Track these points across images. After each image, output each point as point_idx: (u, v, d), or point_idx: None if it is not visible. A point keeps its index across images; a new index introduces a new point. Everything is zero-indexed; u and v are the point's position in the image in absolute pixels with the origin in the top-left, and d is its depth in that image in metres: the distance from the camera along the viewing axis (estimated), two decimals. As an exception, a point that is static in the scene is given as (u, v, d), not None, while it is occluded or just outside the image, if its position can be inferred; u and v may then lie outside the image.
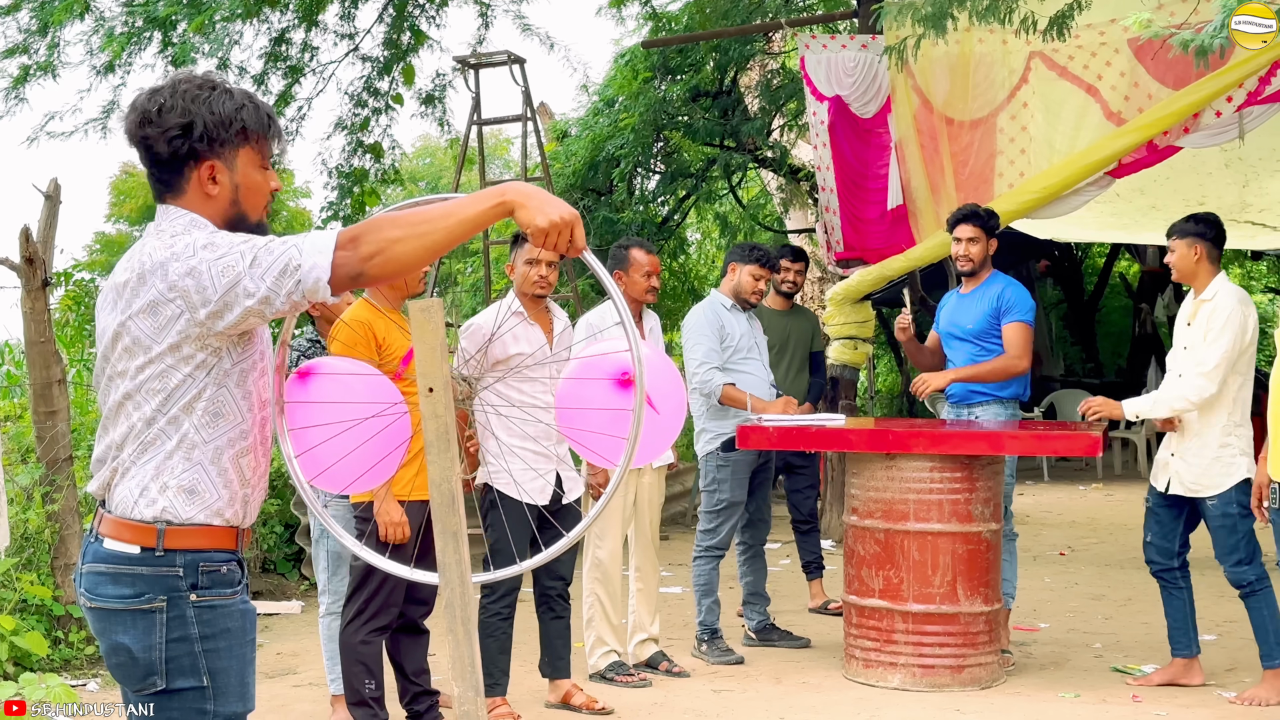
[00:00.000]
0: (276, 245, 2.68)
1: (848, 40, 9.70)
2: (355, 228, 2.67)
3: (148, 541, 2.76)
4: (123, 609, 2.77)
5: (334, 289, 2.66)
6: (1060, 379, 19.20)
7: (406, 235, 2.66)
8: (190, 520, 2.77)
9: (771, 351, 7.80)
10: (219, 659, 2.80)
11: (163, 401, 2.75)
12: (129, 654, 2.77)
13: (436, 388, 2.85)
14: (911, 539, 6.28)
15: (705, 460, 7.08)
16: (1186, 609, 6.29)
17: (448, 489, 2.88)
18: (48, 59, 10.32)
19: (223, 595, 2.82)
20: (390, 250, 2.66)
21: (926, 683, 6.27)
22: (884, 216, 9.45)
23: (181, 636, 2.77)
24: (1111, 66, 8.31)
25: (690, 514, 12.09)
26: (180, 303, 2.70)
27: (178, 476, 2.77)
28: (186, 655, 2.77)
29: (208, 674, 2.78)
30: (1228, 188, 9.72)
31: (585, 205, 13.15)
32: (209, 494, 2.80)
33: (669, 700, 6.24)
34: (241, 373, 2.83)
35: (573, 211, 2.73)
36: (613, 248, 6.64)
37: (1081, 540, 11.21)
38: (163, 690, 2.78)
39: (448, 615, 2.93)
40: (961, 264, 6.96)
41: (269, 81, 11.34)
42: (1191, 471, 6.10)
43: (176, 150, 2.82)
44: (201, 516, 2.79)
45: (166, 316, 2.72)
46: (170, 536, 2.76)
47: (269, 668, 6.91)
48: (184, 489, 2.77)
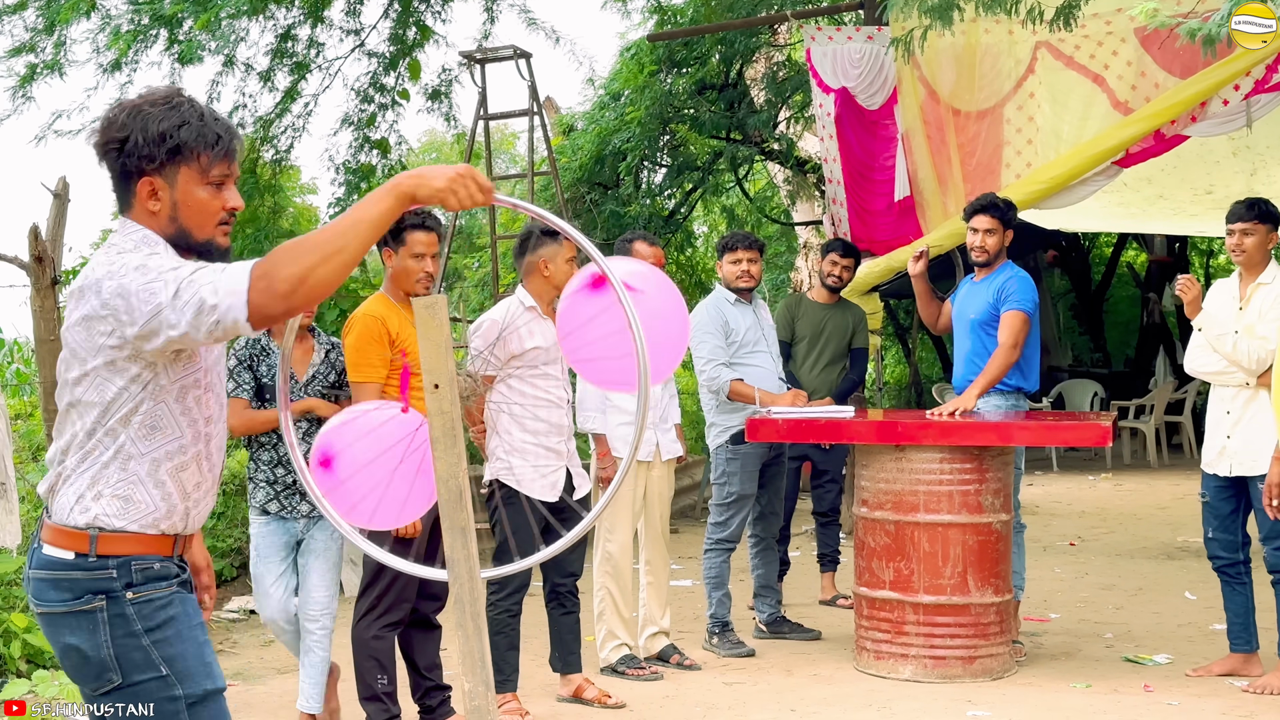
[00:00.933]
0: (199, 278, 2.65)
1: (854, 32, 9.69)
2: (264, 264, 2.63)
3: (81, 547, 2.80)
4: (65, 611, 2.81)
5: (254, 327, 2.65)
6: (1068, 369, 19.17)
7: (322, 259, 2.63)
8: (123, 529, 2.81)
9: (802, 343, 7.79)
10: (170, 646, 2.83)
11: (100, 414, 2.79)
12: (80, 654, 2.82)
13: (442, 384, 2.86)
14: (922, 530, 6.28)
15: (715, 453, 7.09)
16: (1248, 604, 6.21)
17: (455, 484, 2.89)
18: (54, 57, 10.33)
19: (158, 589, 2.84)
20: (311, 278, 2.62)
21: (938, 674, 6.27)
22: (891, 208, 9.44)
23: (127, 632, 2.80)
24: (1118, 56, 8.29)
25: (700, 507, 12.10)
26: (111, 320, 2.71)
27: (113, 486, 2.81)
28: (136, 650, 2.80)
29: (164, 662, 2.81)
30: (1236, 176, 9.70)
31: (592, 199, 13.15)
32: (145, 504, 2.83)
33: (680, 693, 6.25)
34: (181, 389, 2.83)
35: (464, 165, 2.74)
36: (617, 242, 6.66)
37: (1091, 530, 11.20)
38: (121, 685, 2.81)
39: (457, 610, 2.94)
40: (976, 255, 6.87)
41: (275, 78, 11.35)
42: (1250, 449, 5.99)
43: (119, 165, 2.84)
44: (135, 527, 2.82)
45: (99, 331, 2.74)
46: (102, 543, 2.80)
47: (280, 663, 6.93)
48: (119, 497, 2.81)
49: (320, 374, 5.54)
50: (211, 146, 2.85)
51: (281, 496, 5.42)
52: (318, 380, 5.52)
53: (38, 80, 10.32)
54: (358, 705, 5.42)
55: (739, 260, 7.05)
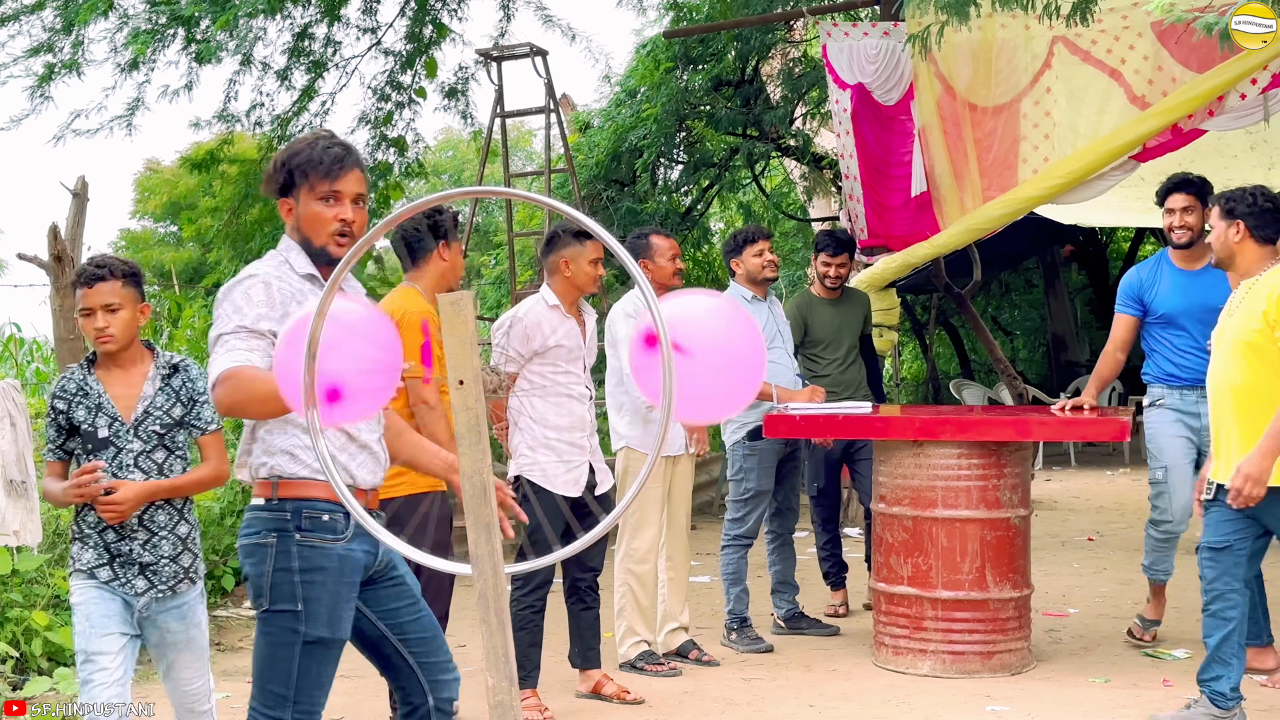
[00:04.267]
0: (218, 348, 3.36)
1: (869, 28, 9.68)
2: (222, 381, 3.28)
3: (268, 494, 3.51)
4: (248, 544, 3.53)
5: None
6: (1086, 364, 19.14)
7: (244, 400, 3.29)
8: (295, 475, 3.49)
9: (821, 344, 7.68)
10: (313, 590, 3.46)
11: None
12: (250, 580, 3.52)
13: (467, 380, 2.87)
14: (940, 526, 6.28)
15: (732, 450, 7.10)
16: (1259, 599, 6.12)
17: (479, 481, 2.90)
18: (72, 57, 10.38)
19: (323, 539, 3.48)
20: (237, 410, 3.32)
21: (956, 669, 6.27)
22: (908, 204, 9.43)
23: (284, 568, 3.45)
24: (1135, 50, 8.28)
25: (717, 503, 12.11)
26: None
27: (281, 443, 3.51)
28: (286, 584, 3.45)
29: (302, 601, 3.45)
30: (1253, 170, 9.68)
31: (609, 196, 13.17)
32: (306, 456, 3.49)
33: (699, 689, 6.26)
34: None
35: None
36: (629, 239, 6.66)
37: (1110, 525, 11.19)
38: (266, 610, 3.49)
39: (480, 607, 2.95)
40: (1178, 235, 6.54)
41: (292, 76, 11.40)
42: None
43: (274, 188, 3.60)
44: (305, 473, 3.50)
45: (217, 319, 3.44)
46: (282, 488, 3.49)
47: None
48: (284, 452, 3.51)
49: (157, 411, 4.35)
50: (318, 167, 3.51)
51: (116, 565, 4.28)
52: (152, 420, 4.33)
53: (56, 80, 10.36)
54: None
55: (761, 252, 7.06)
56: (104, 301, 4.27)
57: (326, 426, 3.24)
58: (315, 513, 3.47)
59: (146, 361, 4.39)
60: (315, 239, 3.54)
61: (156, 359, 4.39)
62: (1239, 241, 5.36)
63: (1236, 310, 5.34)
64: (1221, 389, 5.34)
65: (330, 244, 3.53)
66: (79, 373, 4.35)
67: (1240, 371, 5.25)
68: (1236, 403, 5.25)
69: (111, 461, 4.26)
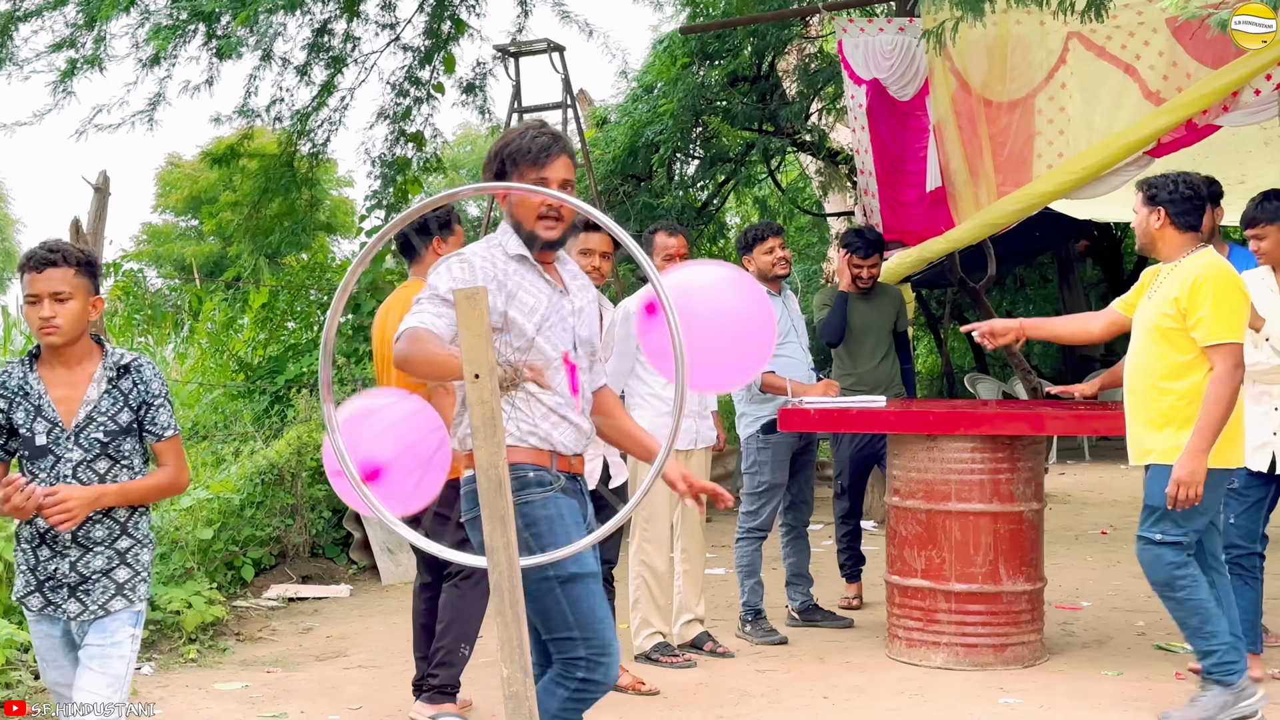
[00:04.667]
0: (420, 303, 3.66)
1: (885, 23, 9.71)
2: (404, 334, 3.57)
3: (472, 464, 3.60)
4: (471, 518, 3.81)
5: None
6: (1100, 358, 19.11)
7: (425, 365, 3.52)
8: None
9: (854, 340, 7.75)
10: (543, 540, 3.71)
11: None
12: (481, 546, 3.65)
13: (482, 374, 2.92)
14: (953, 519, 6.32)
15: (746, 443, 7.15)
16: (1258, 602, 6.05)
17: (495, 473, 2.95)
18: (94, 52, 10.43)
19: (533, 494, 3.76)
20: (407, 368, 3.56)
21: (969, 662, 6.31)
22: (923, 199, 9.46)
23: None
24: (1150, 46, 8.30)
25: (732, 496, 12.13)
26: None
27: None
28: (520, 541, 3.41)
29: (539, 550, 3.63)
30: (1268, 166, 9.69)
31: (625, 191, 13.20)
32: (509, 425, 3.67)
33: (714, 680, 6.31)
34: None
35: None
36: (645, 234, 6.76)
37: (1123, 519, 11.20)
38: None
39: (495, 598, 3.00)
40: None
41: (312, 72, 11.46)
42: None
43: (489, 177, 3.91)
44: (510, 440, 3.65)
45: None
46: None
47: (319, 650, 7.02)
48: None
49: (101, 416, 3.93)
50: (526, 155, 3.80)
51: (46, 590, 3.92)
52: (95, 426, 3.91)
53: (78, 75, 10.41)
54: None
55: (772, 249, 7.11)
56: (53, 289, 3.84)
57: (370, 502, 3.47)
58: (521, 473, 3.71)
59: (94, 360, 3.96)
60: (525, 223, 3.81)
61: (106, 357, 3.95)
62: (1160, 228, 5.47)
63: (1154, 295, 5.48)
64: (1132, 370, 5.52)
65: (537, 227, 3.79)
66: (19, 369, 3.93)
67: (1148, 355, 5.42)
68: (1140, 384, 5.45)
69: (49, 471, 3.85)
